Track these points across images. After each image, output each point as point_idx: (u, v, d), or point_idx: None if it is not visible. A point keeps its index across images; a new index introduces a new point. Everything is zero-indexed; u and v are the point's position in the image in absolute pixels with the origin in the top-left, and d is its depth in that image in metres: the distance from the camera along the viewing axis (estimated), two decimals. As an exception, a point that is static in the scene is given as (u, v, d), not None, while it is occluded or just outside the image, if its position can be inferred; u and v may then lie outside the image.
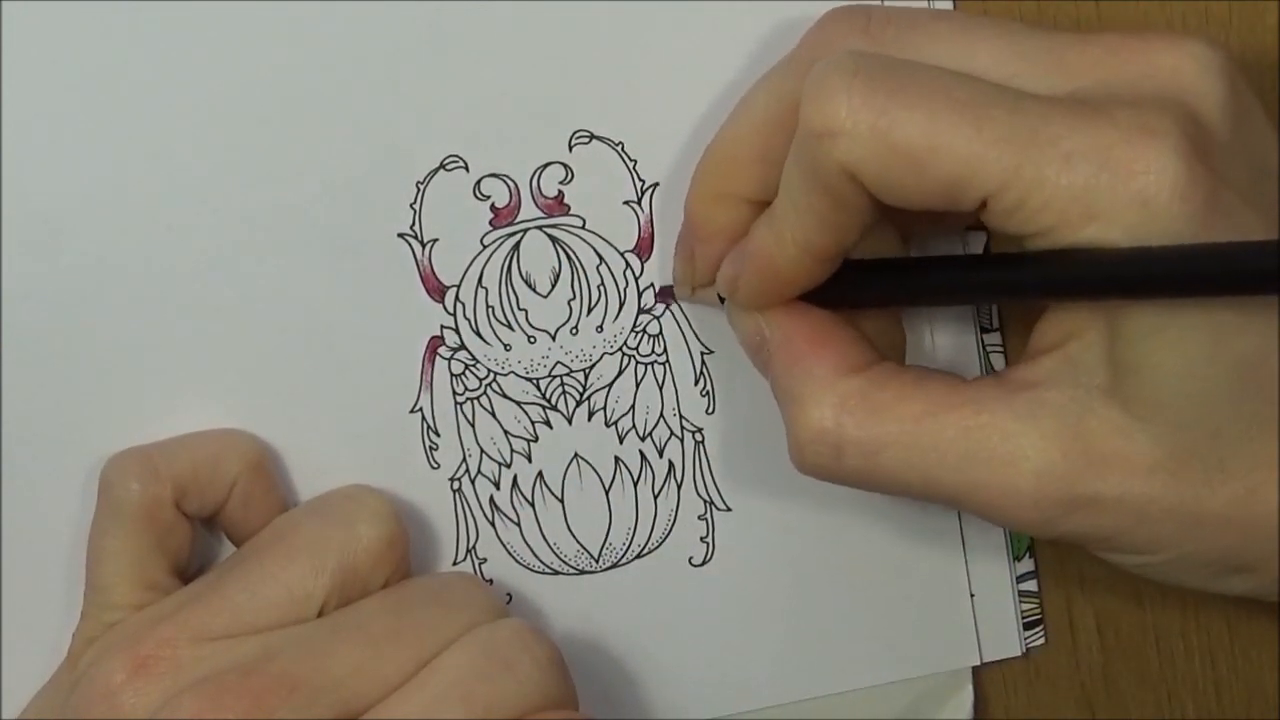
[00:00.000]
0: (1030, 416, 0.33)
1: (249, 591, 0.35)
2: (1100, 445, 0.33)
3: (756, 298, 0.36)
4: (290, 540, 0.36)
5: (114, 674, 0.34)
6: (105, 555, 0.36)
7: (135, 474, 0.36)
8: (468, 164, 0.39)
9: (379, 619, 0.35)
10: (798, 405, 0.34)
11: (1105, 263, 0.31)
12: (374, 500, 0.37)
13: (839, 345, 0.35)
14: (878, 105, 0.32)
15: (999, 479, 0.33)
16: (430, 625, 0.35)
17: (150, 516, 0.36)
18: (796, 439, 0.35)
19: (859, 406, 0.34)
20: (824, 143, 0.32)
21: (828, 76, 0.32)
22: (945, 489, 0.34)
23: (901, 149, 0.31)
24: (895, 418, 0.34)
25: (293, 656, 0.33)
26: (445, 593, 0.36)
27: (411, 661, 0.34)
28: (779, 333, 0.35)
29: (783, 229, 0.34)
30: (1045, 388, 0.33)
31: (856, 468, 0.34)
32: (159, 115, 0.38)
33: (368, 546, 0.36)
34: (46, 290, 0.38)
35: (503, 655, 0.34)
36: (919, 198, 0.32)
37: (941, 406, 0.34)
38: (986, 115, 0.31)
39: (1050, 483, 0.33)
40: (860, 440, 0.34)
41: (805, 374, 0.35)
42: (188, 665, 0.33)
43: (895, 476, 0.34)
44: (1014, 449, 0.33)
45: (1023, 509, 0.33)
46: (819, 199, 0.33)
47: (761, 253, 0.35)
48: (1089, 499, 0.33)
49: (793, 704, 0.41)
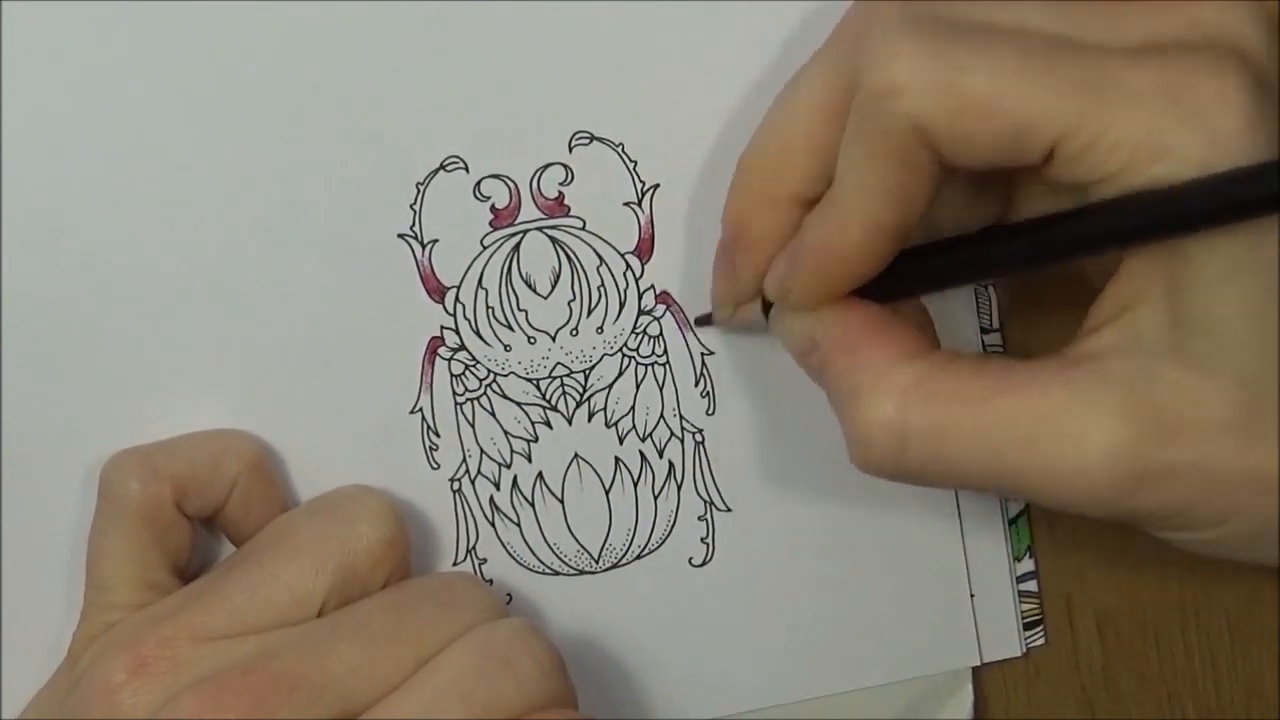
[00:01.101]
0: (1096, 390, 0.32)
1: (249, 591, 0.35)
2: (1170, 411, 0.32)
3: (813, 294, 0.35)
4: (290, 540, 0.36)
5: (114, 673, 0.33)
6: (105, 554, 0.36)
7: (135, 473, 0.36)
8: (468, 165, 0.39)
9: (379, 618, 0.35)
10: (859, 398, 0.34)
11: (1178, 197, 0.31)
12: (374, 500, 0.37)
13: (895, 335, 0.34)
14: (942, 56, 0.31)
15: (1069, 458, 0.32)
16: (430, 624, 0.35)
17: (150, 516, 0.36)
18: (859, 433, 0.34)
19: (922, 394, 0.33)
20: (890, 101, 0.31)
21: (887, 34, 0.32)
22: (1013, 473, 0.33)
23: (969, 98, 0.31)
24: (959, 402, 0.33)
25: (293, 655, 0.33)
26: (445, 592, 0.36)
27: (411, 660, 0.34)
28: (833, 329, 0.35)
29: (846, 210, 0.33)
30: (1108, 359, 0.33)
31: (921, 458, 0.33)
32: (159, 115, 0.38)
33: (368, 547, 0.36)
34: (46, 290, 0.38)
35: (502, 654, 0.34)
36: (986, 150, 0.32)
37: (1005, 388, 0.33)
38: (1052, 61, 0.31)
39: (1122, 455, 0.32)
40: (925, 429, 0.33)
41: (864, 366, 0.34)
42: (188, 665, 0.33)
43: (961, 464, 0.33)
44: (1082, 425, 0.32)
45: (1095, 487, 0.32)
46: (886, 165, 0.32)
47: (821, 242, 0.34)
48: (1162, 469, 0.32)
49: (793, 704, 0.41)
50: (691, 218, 0.39)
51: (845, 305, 0.35)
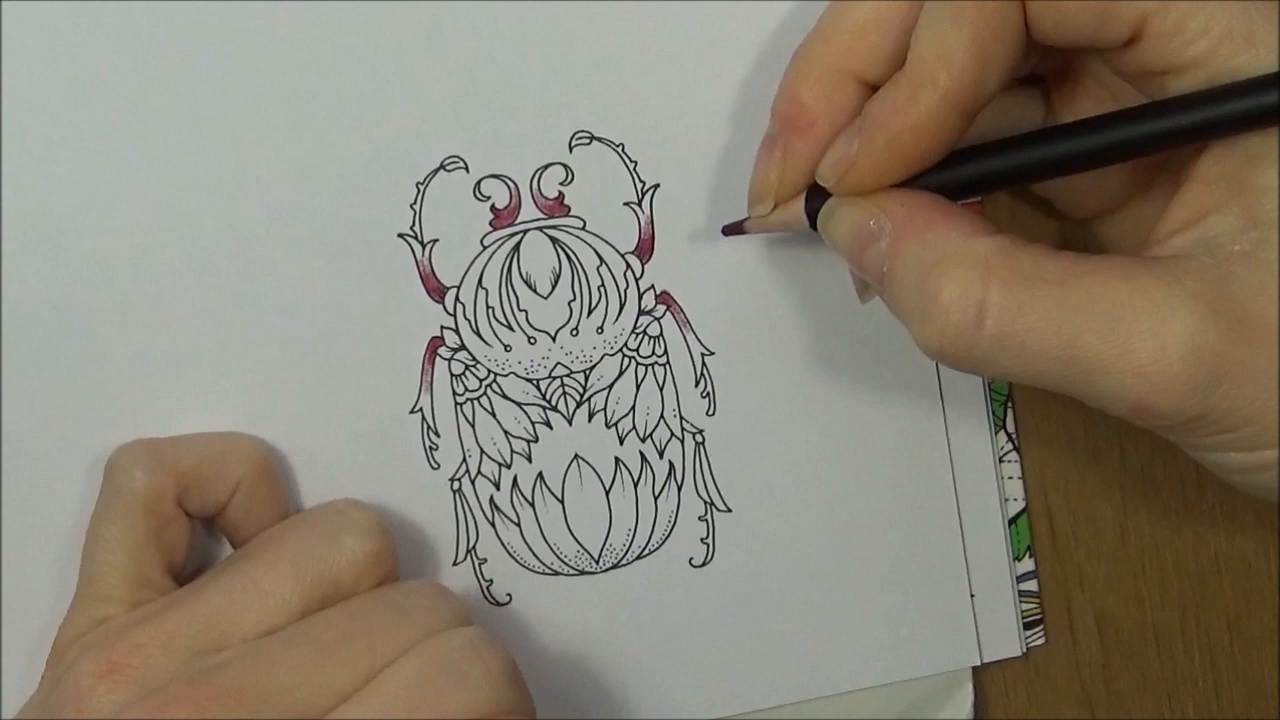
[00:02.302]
0: (1176, 280, 0.32)
1: (227, 598, 0.34)
2: (1247, 310, 0.31)
3: (877, 174, 0.34)
4: (274, 549, 0.35)
5: (84, 676, 0.33)
6: (100, 542, 0.36)
7: (141, 463, 0.36)
8: (468, 165, 0.39)
9: (333, 627, 0.34)
10: (937, 270, 0.32)
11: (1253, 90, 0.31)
12: (361, 514, 0.37)
13: (966, 216, 0.34)
14: None
15: (1149, 343, 0.31)
16: (384, 633, 0.34)
17: (150, 507, 0.36)
18: (939, 304, 0.32)
19: (1002, 267, 0.32)
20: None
21: None
22: (1092, 357, 0.32)
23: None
24: (1040, 280, 0.32)
25: (243, 666, 0.33)
26: (405, 600, 0.36)
27: (365, 669, 0.34)
28: (902, 209, 0.34)
29: (923, 76, 0.33)
30: (1186, 257, 0.32)
31: (997, 334, 0.32)
32: (159, 115, 0.38)
33: (351, 559, 0.35)
34: (46, 290, 0.38)
35: (453, 664, 0.34)
36: (1077, 19, 0.32)
37: (1084, 270, 0.32)
38: None
39: (1201, 347, 0.31)
40: (1004, 303, 0.32)
41: (942, 238, 0.33)
42: (153, 673, 0.33)
43: (1036, 344, 0.32)
44: (1163, 313, 0.31)
45: (1173, 377, 0.32)
46: (973, 27, 0.32)
47: (891, 114, 0.33)
48: (1238, 367, 0.31)
49: (792, 704, 0.41)
50: (692, 218, 0.39)
51: (907, 191, 0.34)
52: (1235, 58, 0.31)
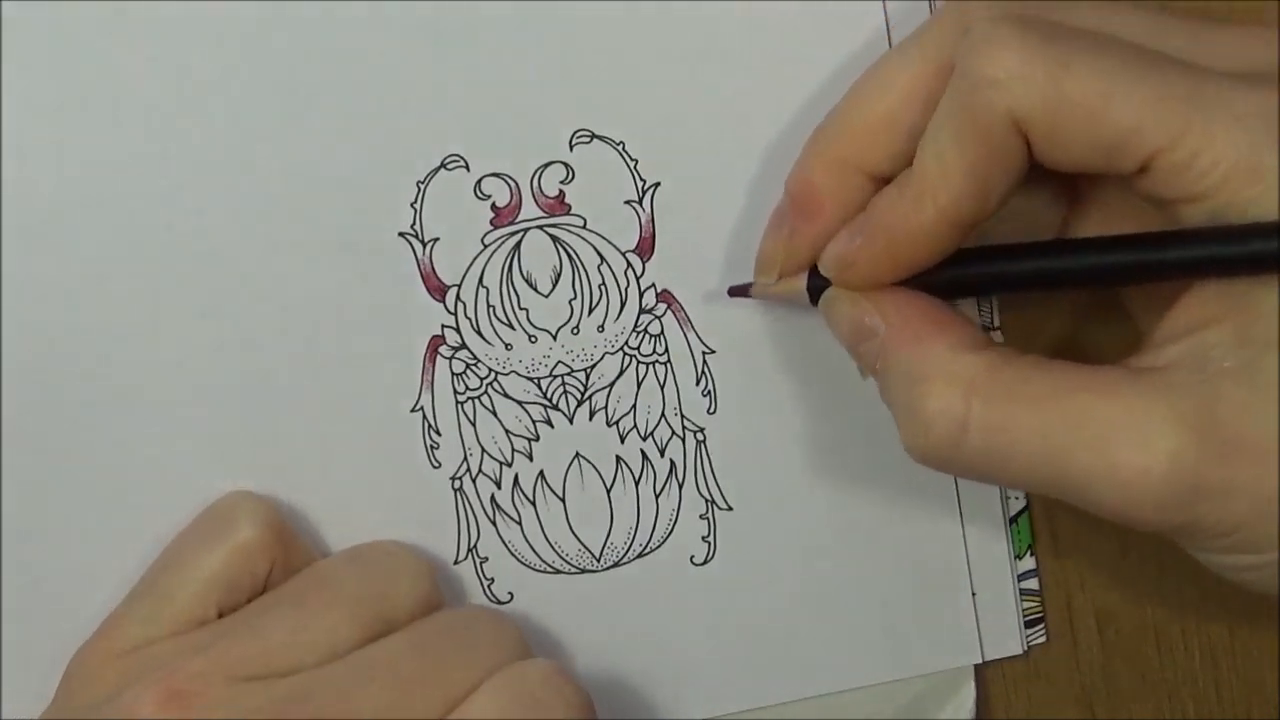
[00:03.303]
0: (1162, 398, 0.32)
1: (289, 634, 0.35)
2: (1234, 428, 0.32)
3: (875, 272, 0.34)
4: (333, 589, 0.36)
5: (143, 703, 0.33)
6: (189, 568, 0.36)
7: (262, 518, 0.37)
8: (468, 163, 0.39)
9: (408, 659, 0.35)
10: (922, 385, 0.33)
11: (1255, 237, 0.31)
12: (411, 557, 0.38)
13: (957, 326, 0.34)
14: (1053, 54, 0.31)
15: (1132, 463, 0.32)
16: (458, 665, 0.35)
17: (255, 558, 0.36)
18: (920, 419, 0.33)
19: (987, 385, 0.33)
20: (991, 91, 0.32)
21: (998, 26, 0.32)
22: (1072, 473, 0.32)
23: (1076, 98, 0.31)
24: (1024, 396, 0.33)
25: (324, 699, 0.33)
26: (472, 631, 0.36)
27: (440, 702, 0.34)
28: (895, 315, 0.34)
29: (923, 190, 0.33)
30: (1173, 372, 0.32)
31: (979, 449, 0.33)
32: (159, 115, 0.38)
33: (407, 604, 0.36)
34: (46, 289, 0.38)
35: (534, 697, 0.34)
36: (1081, 152, 0.32)
37: (1070, 387, 0.33)
38: (1160, 71, 0.31)
39: (1183, 466, 0.32)
40: (988, 419, 0.33)
41: (928, 353, 0.34)
42: (219, 703, 0.33)
43: (1019, 460, 0.33)
44: (1148, 431, 0.32)
45: (1155, 495, 0.32)
46: (973, 153, 0.32)
47: (892, 219, 0.34)
48: (1222, 485, 0.32)
49: (793, 703, 0.41)
50: (692, 216, 0.39)
51: (902, 293, 0.35)
52: (1244, 190, 0.31)
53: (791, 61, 0.39)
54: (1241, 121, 0.31)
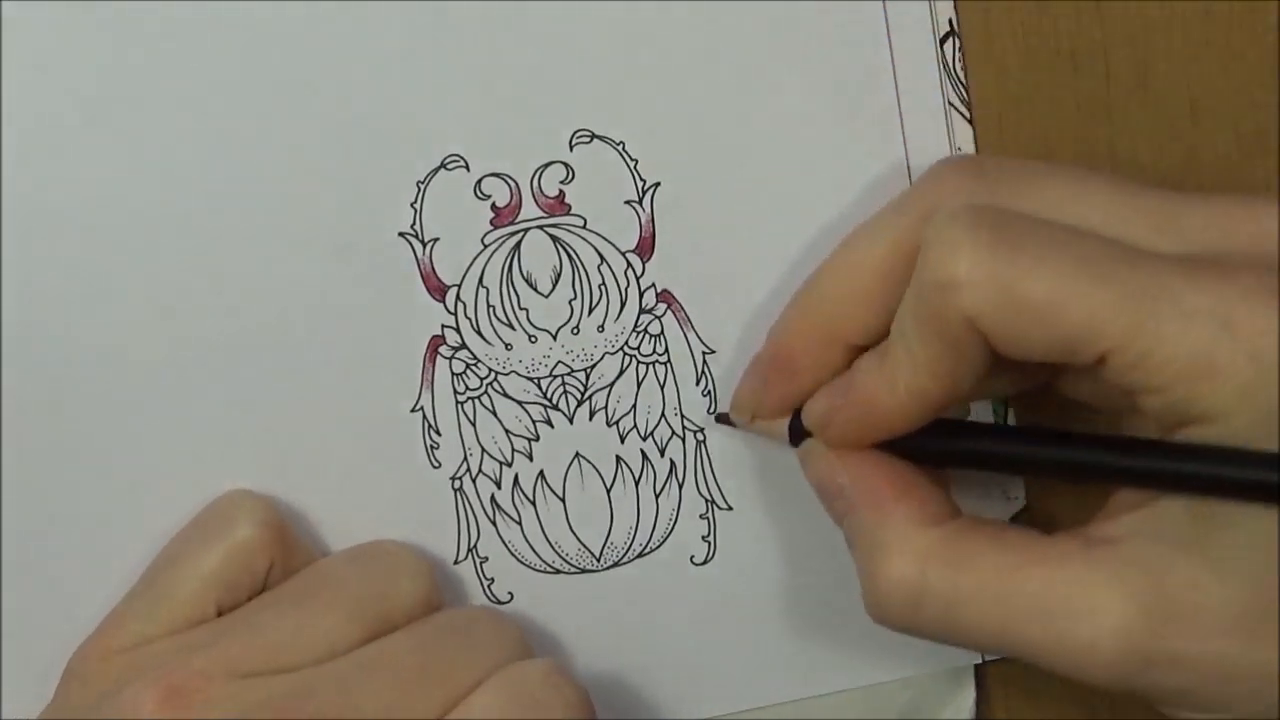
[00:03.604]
0: (1111, 573, 0.33)
1: (288, 633, 0.35)
2: (1181, 602, 0.32)
3: (850, 438, 0.36)
4: (333, 589, 0.36)
5: (143, 701, 0.33)
6: (187, 566, 0.36)
7: (261, 517, 0.37)
8: (468, 163, 0.39)
9: (409, 657, 0.35)
10: (880, 553, 0.35)
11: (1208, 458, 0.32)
12: (411, 556, 0.38)
13: (922, 496, 0.35)
14: (1003, 257, 0.32)
15: (1079, 635, 0.33)
16: (459, 663, 0.35)
17: (255, 557, 0.36)
18: (876, 587, 0.35)
19: (942, 558, 0.34)
20: (947, 294, 0.32)
21: (950, 227, 0.33)
22: (1023, 643, 0.34)
23: (1026, 302, 0.32)
24: (978, 570, 0.34)
25: (325, 696, 0.34)
26: (472, 629, 0.36)
27: (442, 700, 0.34)
28: (861, 481, 0.36)
29: (895, 374, 0.34)
30: (1126, 543, 0.33)
31: (934, 618, 0.34)
32: (158, 115, 0.38)
33: (407, 602, 0.36)
34: (45, 289, 0.38)
35: (534, 696, 0.35)
36: (1039, 350, 0.33)
37: (1023, 561, 0.34)
38: (1110, 271, 0.32)
39: (1130, 639, 0.33)
40: (942, 592, 0.34)
41: (888, 523, 0.35)
42: (219, 700, 0.33)
43: (973, 629, 0.34)
44: (1095, 605, 0.33)
45: (1101, 665, 0.33)
46: (937, 349, 0.33)
47: (868, 394, 0.35)
48: (1168, 657, 0.33)
49: (793, 704, 0.41)
50: (692, 216, 0.39)
51: (873, 457, 0.36)
52: (1197, 387, 0.32)
53: (792, 61, 0.39)
54: (1191, 319, 0.31)
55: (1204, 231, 0.34)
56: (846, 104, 0.39)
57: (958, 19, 0.39)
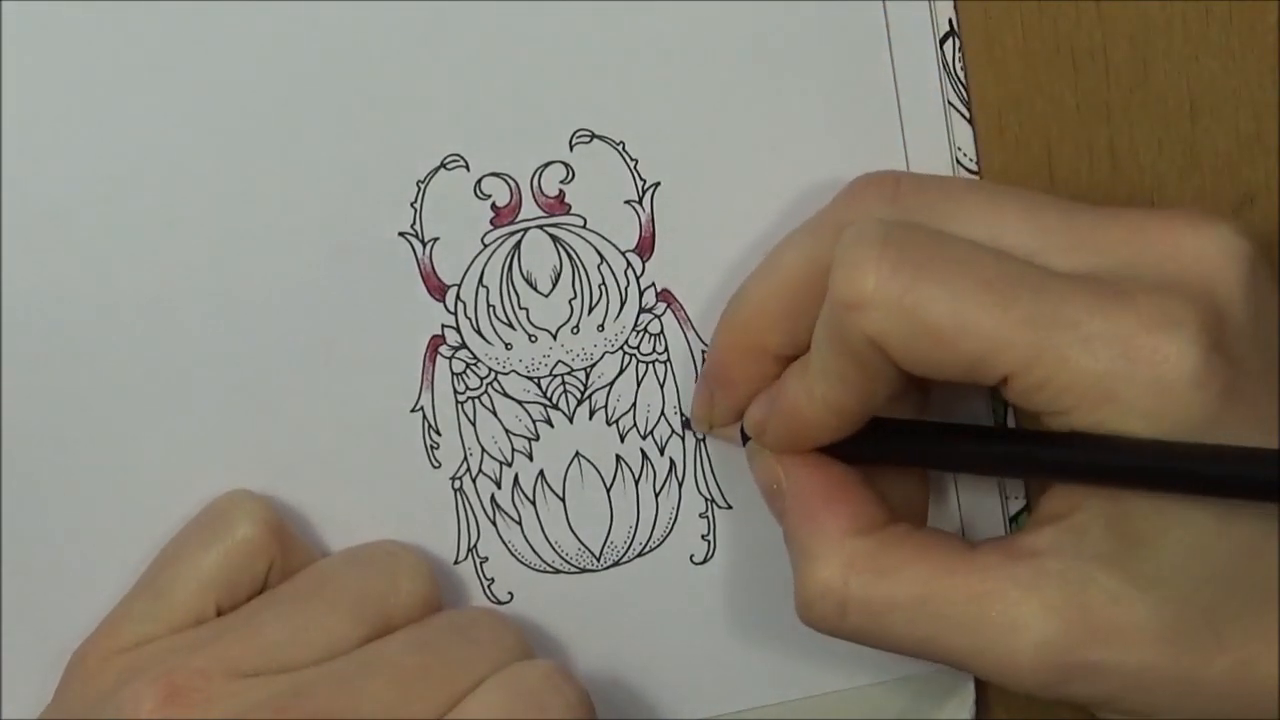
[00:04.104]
0: (1032, 586, 0.33)
1: (288, 633, 0.35)
2: (1100, 615, 0.33)
3: (782, 444, 0.36)
4: (332, 589, 0.36)
5: (143, 700, 0.33)
6: (186, 565, 0.36)
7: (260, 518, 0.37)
8: (468, 163, 0.39)
9: (409, 657, 0.35)
10: (807, 560, 0.35)
11: (1121, 452, 0.32)
12: (412, 557, 0.38)
13: (852, 503, 0.36)
14: (905, 280, 0.32)
15: (1000, 646, 0.33)
16: (459, 663, 0.35)
17: (255, 557, 0.37)
18: (803, 592, 0.35)
19: (866, 568, 0.35)
20: (852, 313, 0.33)
21: (857, 247, 0.33)
22: (947, 652, 0.34)
23: (927, 325, 0.32)
24: (901, 581, 0.34)
25: (326, 695, 0.34)
26: (473, 630, 0.36)
27: (442, 700, 0.34)
28: (795, 485, 0.36)
29: (813, 385, 0.35)
30: (1048, 557, 0.34)
31: (859, 626, 0.35)
32: (158, 115, 0.38)
33: (407, 603, 0.36)
34: (45, 288, 0.38)
35: (534, 696, 0.35)
36: (943, 370, 0.33)
37: (946, 572, 0.34)
38: (1012, 295, 0.32)
39: (1050, 652, 0.33)
40: (865, 600, 0.34)
41: (816, 530, 0.35)
42: (219, 699, 0.33)
43: (897, 637, 0.35)
44: (1015, 618, 0.33)
45: (1022, 675, 0.34)
46: (846, 365, 0.34)
47: (791, 404, 0.35)
48: (1088, 667, 0.33)
49: (793, 703, 0.41)
50: (692, 216, 0.39)
51: (810, 462, 0.36)
52: (1097, 411, 0.32)
53: (791, 61, 0.39)
54: (1090, 345, 0.32)
55: (1119, 247, 0.34)
56: (846, 104, 0.39)
57: (958, 19, 0.39)
